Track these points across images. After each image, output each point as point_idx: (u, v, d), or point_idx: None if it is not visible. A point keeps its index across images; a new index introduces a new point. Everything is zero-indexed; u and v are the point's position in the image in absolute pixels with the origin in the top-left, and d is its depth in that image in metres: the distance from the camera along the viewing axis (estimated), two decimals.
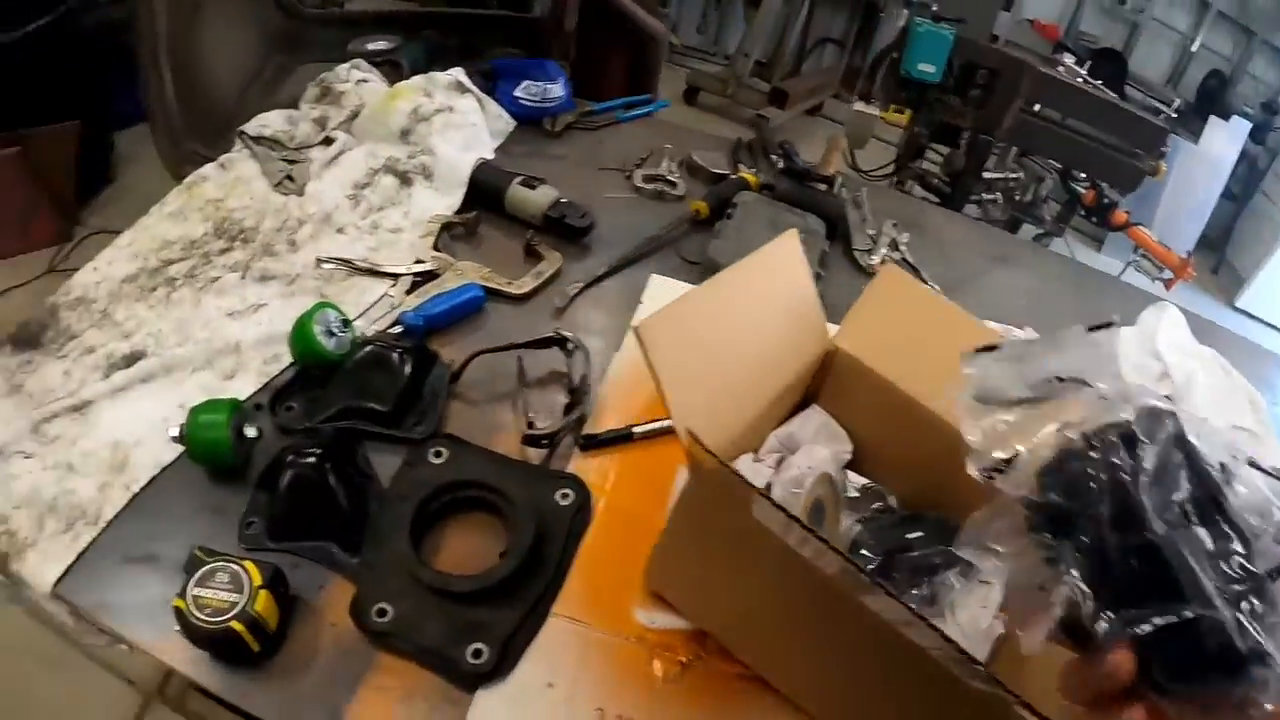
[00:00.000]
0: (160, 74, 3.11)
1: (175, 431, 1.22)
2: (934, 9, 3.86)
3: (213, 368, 1.42)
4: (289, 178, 1.82)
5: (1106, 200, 4.03)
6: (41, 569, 1.17)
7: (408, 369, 1.34)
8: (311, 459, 1.17)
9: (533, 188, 1.77)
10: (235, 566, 1.05)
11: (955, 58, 3.36)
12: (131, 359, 1.42)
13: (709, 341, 0.96)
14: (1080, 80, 3.96)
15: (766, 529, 0.78)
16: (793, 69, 5.52)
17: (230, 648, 1.04)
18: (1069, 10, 5.43)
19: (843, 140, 2.39)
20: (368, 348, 1.36)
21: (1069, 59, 4.51)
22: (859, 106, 2.81)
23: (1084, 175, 4.02)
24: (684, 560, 1.04)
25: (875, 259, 1.83)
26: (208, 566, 1.05)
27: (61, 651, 2.35)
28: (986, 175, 3.87)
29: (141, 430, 1.32)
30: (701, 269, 1.70)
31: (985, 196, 4.01)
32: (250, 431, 1.24)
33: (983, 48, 3.50)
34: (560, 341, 1.45)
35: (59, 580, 1.16)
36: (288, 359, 1.42)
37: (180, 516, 1.22)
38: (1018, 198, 4.14)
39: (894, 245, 1.90)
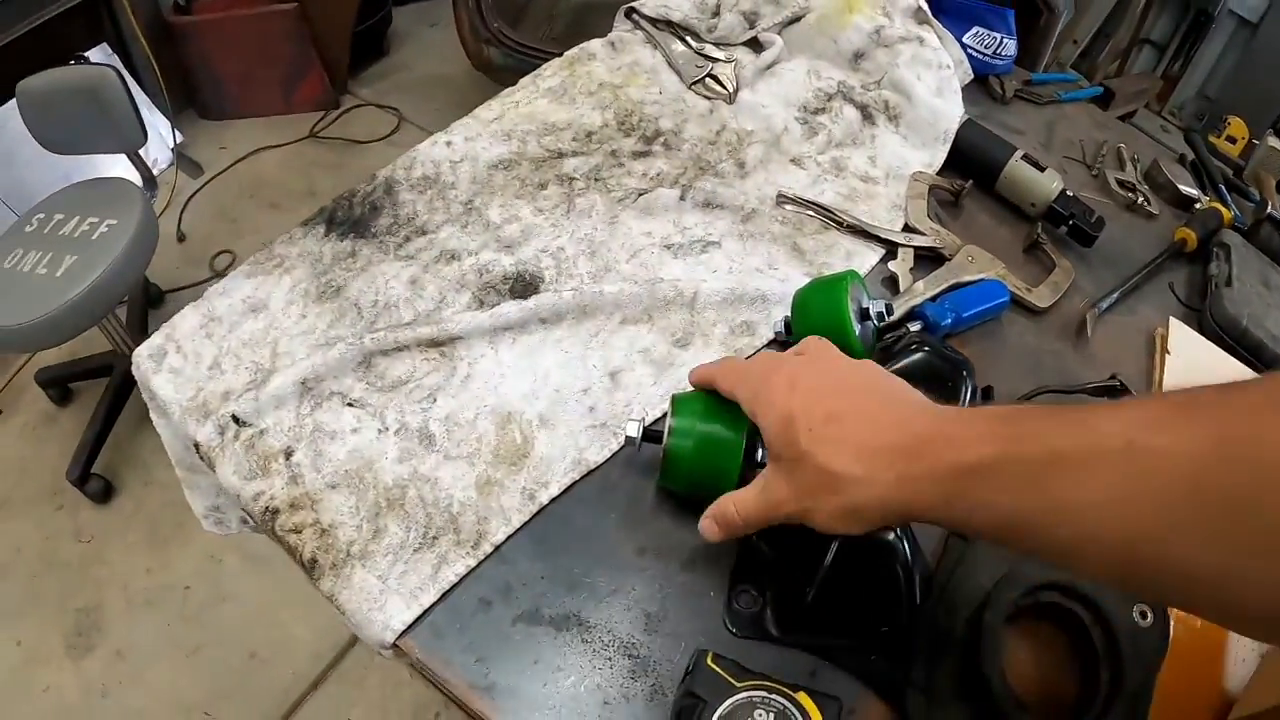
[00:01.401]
0: None
1: (634, 430, 0.73)
2: None
3: (653, 323, 0.92)
4: (712, 77, 1.31)
5: None
6: (378, 605, 0.71)
7: (966, 396, 0.85)
8: None
9: (1040, 169, 1.28)
10: (784, 701, 0.59)
11: None
12: (522, 285, 0.94)
13: None
14: None
15: None
16: (1120, 65, 4.87)
17: None
18: None
19: (1272, 179, 1.84)
20: (914, 352, 0.86)
21: None
22: (1273, 141, 2.22)
23: None
24: None
25: None
26: (740, 697, 0.59)
27: (271, 550, 2.04)
28: None
29: (547, 400, 0.84)
30: (1208, 320, 1.24)
31: None
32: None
33: None
34: (1116, 391, 1.00)
35: (407, 629, 0.70)
36: (765, 332, 0.94)
37: (620, 560, 0.75)
38: None
39: None
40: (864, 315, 0.85)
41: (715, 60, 1.36)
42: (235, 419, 0.82)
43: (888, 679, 0.71)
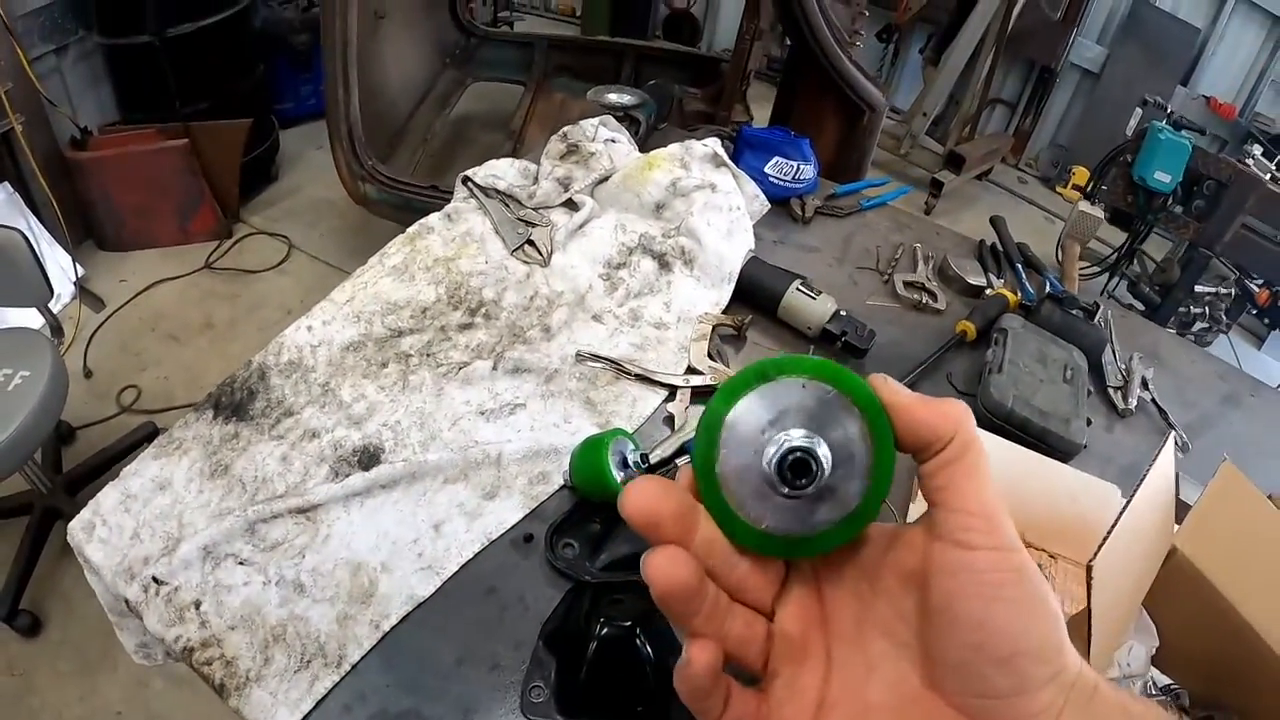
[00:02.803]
0: (349, 88, 2.96)
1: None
2: (1172, 114, 3.63)
3: (468, 481, 1.19)
4: (529, 242, 1.60)
5: None
6: (270, 713, 0.96)
7: None
8: (623, 629, 0.97)
9: (813, 295, 1.53)
10: None
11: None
12: (367, 456, 1.21)
13: (1119, 572, 0.93)
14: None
15: None
16: (970, 130, 5.27)
17: None
18: (1247, 88, 5.05)
19: (1076, 246, 2.14)
20: None
21: (1257, 150, 4.22)
22: (1083, 207, 2.57)
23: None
24: None
25: (1132, 401, 1.59)
26: None
27: (191, 672, 2.20)
28: (1197, 289, 3.70)
29: (386, 551, 1.10)
30: (979, 406, 1.44)
31: (1192, 310, 3.79)
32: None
33: (1217, 159, 3.32)
34: None
35: None
36: (557, 479, 1.21)
37: (444, 668, 1.01)
38: (1223, 312, 3.90)
39: (1144, 384, 1.66)
40: (625, 464, 1.13)
41: (534, 225, 1.64)
42: (155, 579, 1.07)
43: None
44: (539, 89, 3.97)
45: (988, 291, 1.76)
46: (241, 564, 1.09)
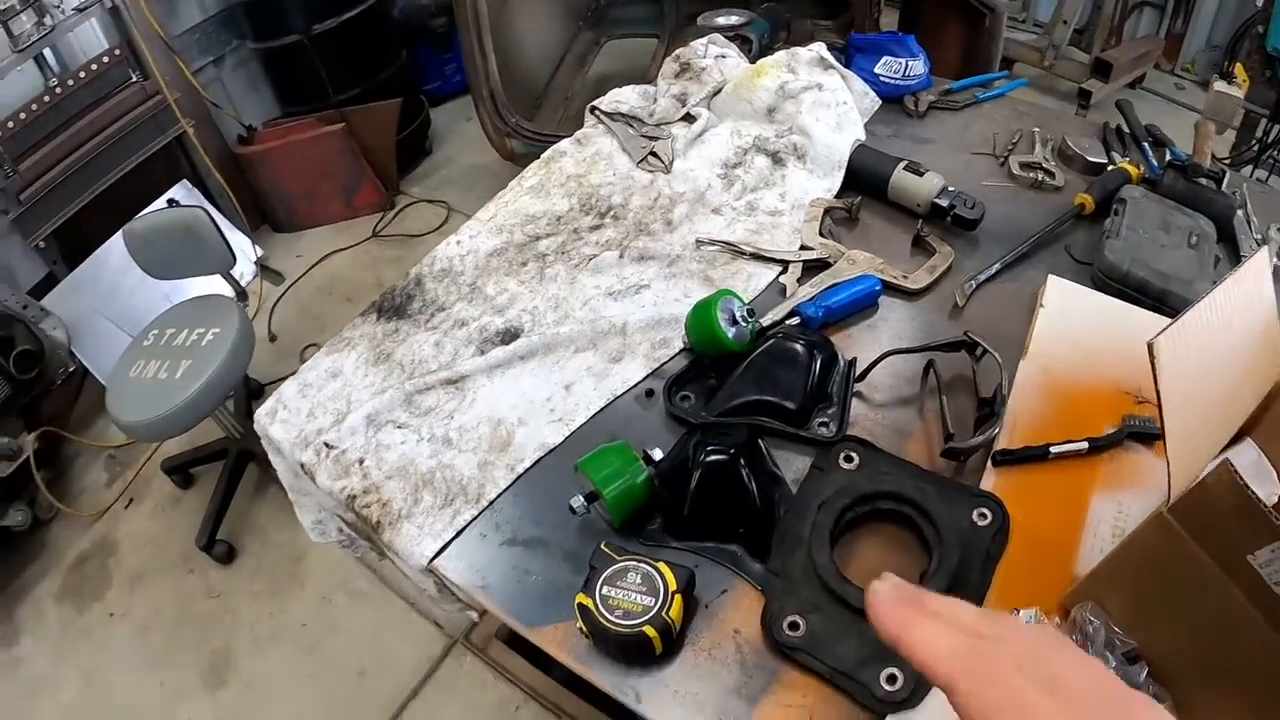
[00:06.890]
0: (485, 54, 3.15)
1: (578, 502, 1.07)
2: None
3: (596, 349, 1.32)
4: (653, 154, 1.70)
5: None
6: (417, 543, 1.11)
7: (816, 365, 1.21)
8: (725, 456, 1.06)
9: (919, 173, 1.55)
10: (648, 568, 0.96)
11: None
12: (508, 335, 1.34)
13: (1198, 369, 0.87)
14: None
15: None
16: (1114, 37, 4.92)
17: (635, 650, 0.95)
18: None
19: (1211, 126, 2.00)
20: (773, 340, 1.23)
21: None
22: (1219, 87, 2.36)
23: None
24: (1132, 589, 0.92)
25: None
26: (618, 565, 0.97)
27: (371, 586, 2.51)
28: None
29: (523, 409, 1.24)
30: (1095, 272, 1.42)
31: None
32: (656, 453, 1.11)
33: None
34: (970, 345, 1.24)
35: (435, 555, 1.11)
36: (677, 344, 1.31)
37: (567, 501, 1.11)
38: None
39: None
40: (735, 320, 1.22)
41: (656, 139, 1.74)
42: (326, 444, 1.23)
43: (754, 570, 1.05)
44: (673, 40, 4.03)
45: (1109, 169, 1.67)
46: (399, 428, 1.23)
